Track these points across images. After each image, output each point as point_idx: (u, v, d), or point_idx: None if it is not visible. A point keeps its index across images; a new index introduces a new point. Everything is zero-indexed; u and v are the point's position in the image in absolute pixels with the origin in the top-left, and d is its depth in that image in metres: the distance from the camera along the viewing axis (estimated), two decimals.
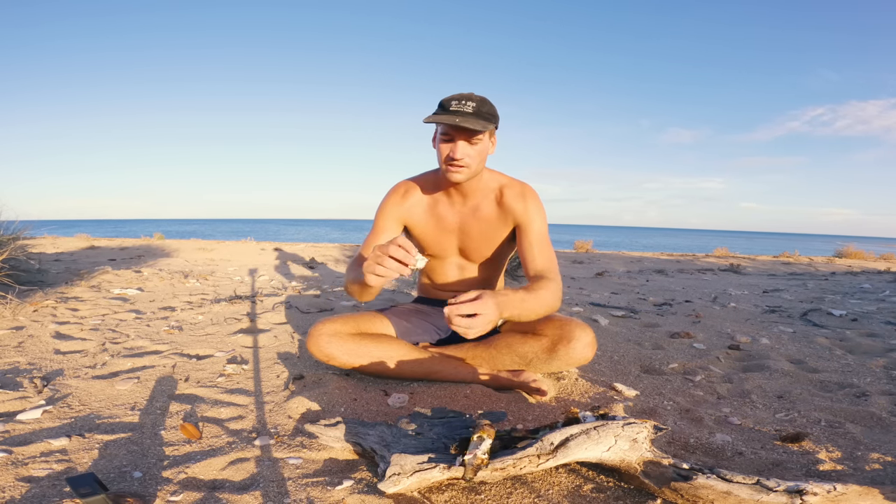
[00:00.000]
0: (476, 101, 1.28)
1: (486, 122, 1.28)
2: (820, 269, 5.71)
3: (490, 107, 1.31)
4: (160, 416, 1.18)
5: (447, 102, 1.29)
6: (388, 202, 1.50)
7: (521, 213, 1.43)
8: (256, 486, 0.88)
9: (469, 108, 1.26)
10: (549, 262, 1.40)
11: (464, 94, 1.30)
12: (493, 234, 1.47)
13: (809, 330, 2.27)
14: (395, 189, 1.51)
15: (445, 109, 1.28)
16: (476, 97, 1.30)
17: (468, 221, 1.46)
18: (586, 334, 1.34)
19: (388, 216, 1.48)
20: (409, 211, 1.48)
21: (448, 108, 1.27)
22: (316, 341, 1.37)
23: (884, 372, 1.63)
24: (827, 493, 0.77)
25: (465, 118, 1.25)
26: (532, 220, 1.43)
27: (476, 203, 1.45)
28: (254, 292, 2.97)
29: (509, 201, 1.43)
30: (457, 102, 1.27)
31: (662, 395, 1.40)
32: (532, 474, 0.92)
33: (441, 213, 1.47)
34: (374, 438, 0.97)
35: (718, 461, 1.02)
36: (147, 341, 1.81)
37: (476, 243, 1.48)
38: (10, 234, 2.85)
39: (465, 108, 1.26)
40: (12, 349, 1.65)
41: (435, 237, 1.49)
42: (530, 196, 1.44)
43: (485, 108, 1.29)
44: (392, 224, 1.48)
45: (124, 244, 6.18)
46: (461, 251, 1.52)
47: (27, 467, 0.91)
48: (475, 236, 1.47)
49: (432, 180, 1.48)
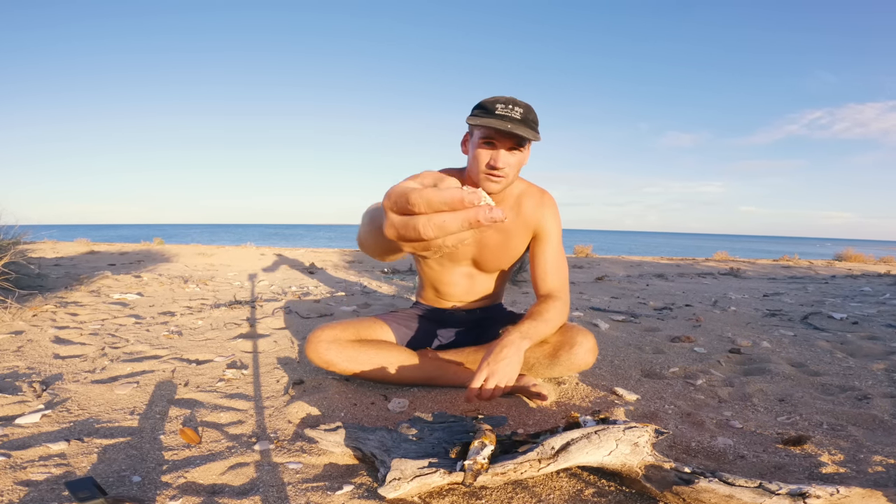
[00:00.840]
0: (522, 106, 1.19)
1: (534, 132, 1.20)
2: (820, 272, 5.71)
3: (535, 115, 1.22)
4: (159, 420, 1.17)
5: (491, 105, 1.19)
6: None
7: (540, 222, 1.38)
8: (256, 491, 0.88)
9: (517, 114, 1.17)
10: (561, 280, 1.37)
11: (508, 98, 1.20)
12: (511, 245, 1.41)
13: (810, 333, 2.27)
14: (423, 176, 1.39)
15: (490, 112, 1.18)
16: (521, 102, 1.21)
17: (488, 233, 1.39)
18: (588, 340, 1.33)
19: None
20: None
21: (493, 112, 1.17)
22: (315, 348, 1.36)
23: (885, 374, 1.62)
24: (830, 496, 0.76)
25: (516, 125, 1.16)
26: (550, 231, 1.39)
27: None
28: (253, 297, 2.97)
29: (529, 210, 1.38)
30: (503, 106, 1.18)
31: (663, 399, 1.40)
32: (533, 479, 0.92)
33: None
34: (375, 443, 0.96)
35: (720, 465, 1.01)
36: (147, 346, 1.81)
37: (493, 255, 1.43)
38: (10, 238, 2.85)
39: (512, 113, 1.17)
40: (12, 353, 1.65)
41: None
42: (549, 205, 1.40)
43: (531, 115, 1.21)
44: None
45: (124, 249, 6.18)
46: (475, 261, 1.46)
47: (26, 471, 0.91)
48: (493, 248, 1.41)
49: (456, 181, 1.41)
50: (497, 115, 1.17)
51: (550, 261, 1.39)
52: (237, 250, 6.49)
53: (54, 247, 6.10)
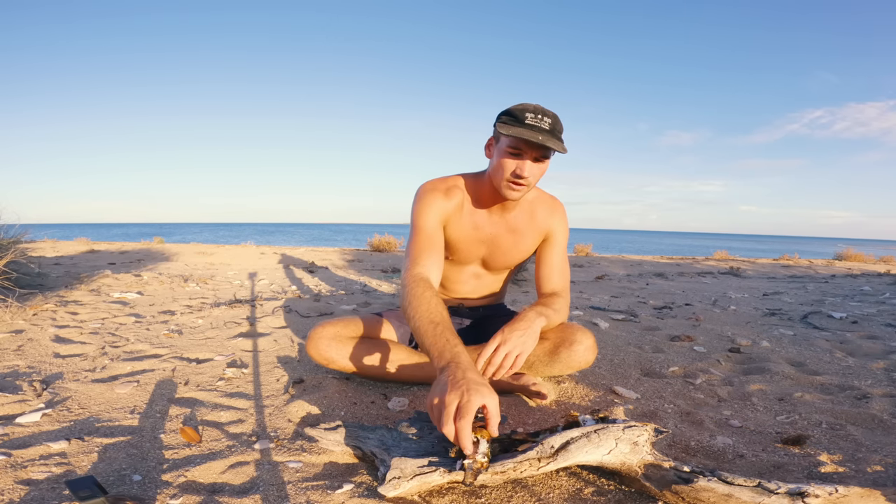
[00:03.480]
0: (551, 117, 1.19)
1: (562, 144, 1.20)
2: (820, 271, 5.71)
3: (561, 125, 1.22)
4: (160, 419, 1.17)
5: (520, 114, 1.18)
6: (432, 199, 1.35)
7: (551, 228, 1.43)
8: (256, 489, 0.88)
9: (545, 125, 1.17)
10: (565, 281, 1.43)
11: (537, 107, 1.19)
12: (522, 248, 1.45)
13: (810, 332, 2.27)
14: (435, 186, 1.38)
15: (520, 121, 1.17)
16: (550, 112, 1.20)
17: (502, 235, 1.42)
18: (587, 338, 1.34)
19: (434, 214, 1.34)
20: (451, 212, 1.37)
21: (523, 121, 1.16)
22: (315, 344, 1.37)
23: (884, 374, 1.62)
24: (828, 496, 0.76)
25: (546, 137, 1.16)
26: (558, 236, 1.44)
27: (513, 217, 1.40)
28: (254, 296, 2.97)
29: (541, 216, 1.42)
30: (532, 116, 1.17)
31: (663, 398, 1.40)
32: (533, 478, 0.92)
33: (478, 222, 1.39)
34: (375, 442, 0.97)
35: (719, 464, 1.01)
36: (147, 345, 1.81)
37: (504, 256, 1.46)
38: (10, 237, 2.85)
39: (541, 123, 1.16)
40: (12, 353, 1.65)
41: (465, 244, 1.42)
42: (560, 212, 1.45)
43: (558, 126, 1.20)
44: (437, 223, 1.35)
45: (124, 248, 6.18)
46: (484, 261, 1.49)
47: (26, 470, 0.91)
48: (505, 250, 1.44)
49: (473, 185, 1.39)
50: (527, 124, 1.16)
51: (556, 263, 1.43)
52: (237, 249, 6.49)
53: (54, 246, 6.11)
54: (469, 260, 1.48)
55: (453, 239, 1.41)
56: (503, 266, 1.51)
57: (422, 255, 1.28)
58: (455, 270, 1.52)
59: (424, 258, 1.27)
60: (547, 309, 1.28)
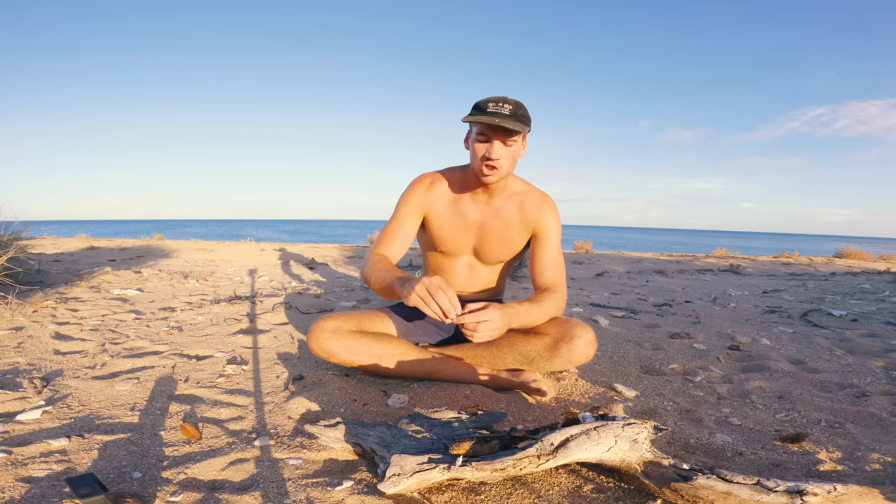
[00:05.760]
0: (512, 104, 1.30)
1: (523, 125, 1.30)
2: (820, 269, 5.71)
3: (525, 110, 1.33)
4: (160, 416, 1.17)
5: (483, 104, 1.30)
6: (413, 192, 1.49)
7: (541, 223, 1.47)
8: (256, 486, 0.88)
9: (506, 111, 1.28)
10: (559, 276, 1.46)
11: (500, 97, 1.31)
12: (511, 236, 1.49)
13: (809, 330, 2.27)
14: (420, 179, 1.51)
15: (482, 110, 1.29)
16: (512, 100, 1.32)
17: (490, 221, 1.47)
18: (587, 332, 1.35)
19: (411, 206, 1.48)
20: (432, 203, 1.48)
21: (485, 110, 1.29)
22: (317, 337, 1.38)
23: (884, 372, 1.63)
24: (827, 494, 0.76)
25: (504, 119, 1.27)
26: (549, 231, 1.47)
27: (500, 204, 1.47)
28: (254, 293, 2.97)
29: (530, 209, 1.47)
30: (494, 104, 1.29)
31: (662, 395, 1.40)
32: (532, 475, 0.92)
33: (463, 210, 1.48)
34: (374, 439, 0.97)
35: (718, 461, 1.01)
36: (147, 342, 1.81)
37: (493, 244, 1.49)
38: (10, 234, 2.85)
39: (502, 109, 1.28)
40: (12, 350, 1.65)
41: (453, 233, 1.49)
42: (550, 207, 1.49)
43: (520, 111, 1.31)
44: (413, 214, 1.48)
45: (124, 245, 6.18)
46: (476, 251, 1.52)
47: (27, 468, 0.91)
48: (494, 236, 1.48)
49: (458, 176, 1.49)
50: (489, 112, 1.29)
51: (548, 258, 1.46)
52: (237, 245, 6.49)
53: (54, 242, 6.11)
54: (460, 249, 1.52)
55: (439, 226, 1.49)
56: (495, 258, 1.53)
57: (388, 240, 1.46)
58: (448, 262, 1.55)
59: (387, 242, 1.46)
60: (529, 305, 1.34)
